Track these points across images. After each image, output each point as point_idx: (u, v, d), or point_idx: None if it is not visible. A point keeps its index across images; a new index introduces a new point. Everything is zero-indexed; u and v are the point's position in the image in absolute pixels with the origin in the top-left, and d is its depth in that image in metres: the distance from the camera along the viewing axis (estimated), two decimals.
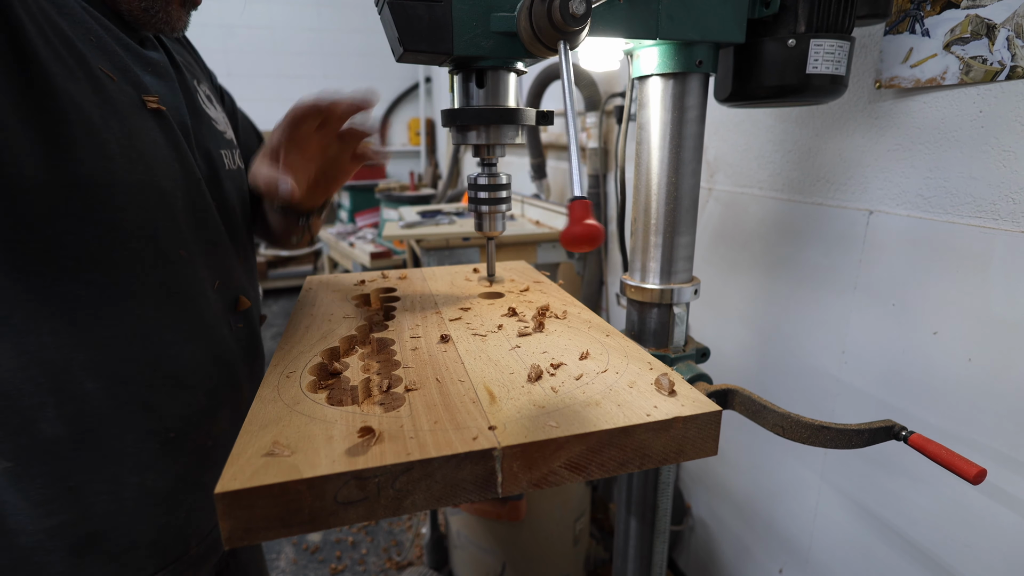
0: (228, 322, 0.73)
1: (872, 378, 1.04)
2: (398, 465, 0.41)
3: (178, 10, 0.67)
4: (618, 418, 0.47)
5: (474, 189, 0.77)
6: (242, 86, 4.87)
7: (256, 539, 0.39)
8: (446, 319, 0.72)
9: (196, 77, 0.76)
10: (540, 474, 0.45)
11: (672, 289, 0.80)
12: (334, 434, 0.45)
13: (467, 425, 0.46)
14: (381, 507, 0.41)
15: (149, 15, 0.65)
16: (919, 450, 0.61)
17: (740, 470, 1.47)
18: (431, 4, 0.57)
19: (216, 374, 0.69)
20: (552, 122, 0.73)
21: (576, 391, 0.52)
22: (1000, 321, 0.82)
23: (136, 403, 0.60)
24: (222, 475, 0.39)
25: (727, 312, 1.43)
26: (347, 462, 0.40)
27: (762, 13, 0.70)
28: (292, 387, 0.53)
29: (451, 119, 0.69)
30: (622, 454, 0.47)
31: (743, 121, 1.31)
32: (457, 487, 0.43)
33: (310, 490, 0.39)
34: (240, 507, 0.38)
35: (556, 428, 0.45)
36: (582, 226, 0.45)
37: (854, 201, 1.04)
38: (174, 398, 0.63)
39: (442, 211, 2.45)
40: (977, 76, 0.80)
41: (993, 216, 0.82)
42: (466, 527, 1.63)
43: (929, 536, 0.96)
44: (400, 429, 0.45)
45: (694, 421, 0.48)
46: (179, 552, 0.65)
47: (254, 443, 0.43)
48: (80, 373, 0.56)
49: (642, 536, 0.93)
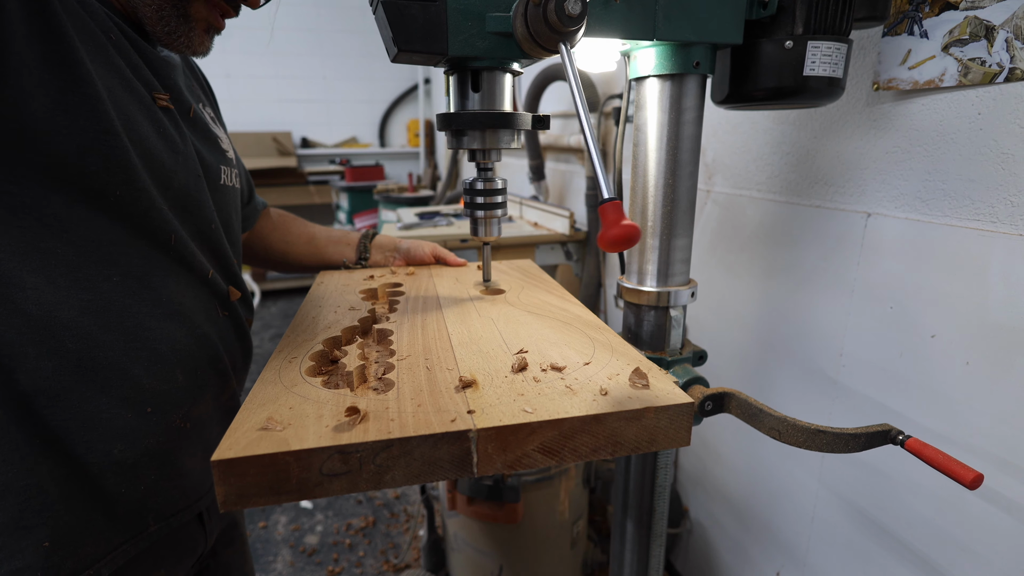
0: (216, 307, 0.74)
1: (869, 381, 1.03)
2: (379, 442, 0.44)
3: (201, 35, 0.70)
4: (591, 406, 0.50)
5: (470, 194, 0.76)
6: (241, 87, 4.87)
7: (248, 504, 0.43)
8: (445, 313, 0.76)
9: (200, 100, 0.80)
10: (514, 456, 0.48)
11: (669, 292, 0.79)
12: (324, 413, 0.48)
13: (447, 409, 0.49)
14: (363, 480, 0.45)
15: (172, 37, 0.67)
16: (916, 455, 0.60)
17: (737, 473, 1.46)
18: (425, 4, 0.57)
19: (200, 357, 0.69)
20: (548, 126, 0.72)
21: (557, 381, 0.55)
22: (998, 324, 0.81)
23: (114, 370, 0.60)
24: (219, 445, 0.43)
25: (724, 315, 1.43)
26: (332, 437, 0.44)
27: (760, 14, 0.69)
28: (292, 371, 0.57)
29: (447, 123, 0.69)
30: (594, 440, 0.50)
31: (741, 123, 1.31)
32: (435, 465, 0.46)
33: (297, 462, 0.43)
34: (234, 474, 0.42)
35: (531, 414, 0.48)
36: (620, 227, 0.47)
37: (852, 203, 1.04)
38: (152, 373, 0.63)
39: (440, 212, 2.44)
40: (976, 78, 0.80)
41: (992, 219, 0.81)
42: (463, 529, 1.63)
43: (926, 540, 0.96)
44: (385, 410, 0.49)
45: (665, 412, 0.51)
46: (137, 528, 0.64)
47: (251, 418, 0.47)
48: (62, 332, 0.57)
49: (639, 539, 0.92)
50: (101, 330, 0.59)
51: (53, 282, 0.56)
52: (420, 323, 0.71)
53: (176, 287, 0.67)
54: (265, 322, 4.36)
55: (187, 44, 0.68)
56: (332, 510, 2.30)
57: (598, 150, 0.53)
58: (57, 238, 0.56)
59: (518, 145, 0.73)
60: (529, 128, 0.71)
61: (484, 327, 0.70)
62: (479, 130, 0.69)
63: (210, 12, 0.69)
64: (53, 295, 0.56)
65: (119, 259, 0.61)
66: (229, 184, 0.80)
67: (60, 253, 0.56)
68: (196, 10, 0.68)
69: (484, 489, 1.48)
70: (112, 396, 0.60)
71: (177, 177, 0.66)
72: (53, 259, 0.56)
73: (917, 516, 0.97)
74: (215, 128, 0.80)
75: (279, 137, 4.91)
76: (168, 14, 0.65)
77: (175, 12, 0.66)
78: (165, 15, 0.65)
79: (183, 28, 0.67)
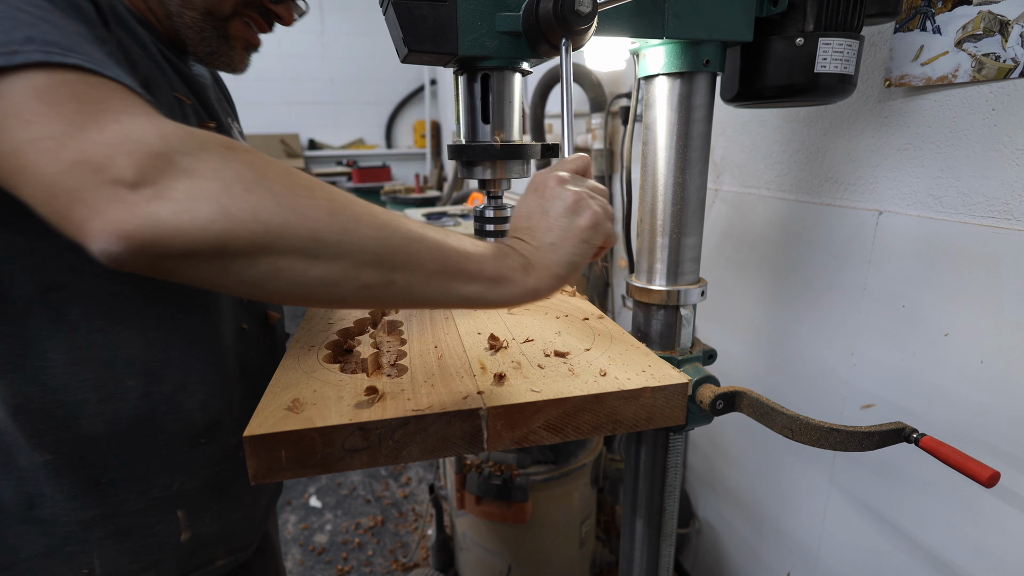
0: (256, 335, 0.75)
1: (882, 380, 1.03)
2: (396, 419, 0.48)
3: (241, 53, 0.72)
4: (592, 387, 0.53)
5: (480, 221, 0.77)
6: (247, 90, 4.91)
7: (278, 477, 0.46)
8: None
9: (230, 115, 0.83)
10: (521, 433, 0.51)
11: (679, 291, 0.79)
12: (344, 395, 0.52)
13: (459, 390, 0.52)
14: (382, 455, 0.48)
15: (213, 57, 0.69)
16: (931, 453, 0.60)
17: (748, 473, 1.45)
18: (436, 4, 0.57)
19: (243, 384, 0.71)
20: (557, 155, 0.72)
21: (561, 365, 0.59)
22: (1013, 322, 0.80)
23: (168, 404, 0.61)
24: (249, 423, 0.46)
25: (734, 313, 1.42)
26: (353, 415, 0.48)
27: (770, 11, 0.69)
28: (311, 358, 0.61)
29: (458, 154, 0.69)
30: (595, 418, 0.54)
31: (750, 121, 1.30)
32: (448, 441, 0.50)
33: (321, 437, 0.46)
34: (264, 449, 0.45)
35: (537, 393, 0.52)
36: None
37: (863, 201, 1.03)
38: (202, 404, 0.65)
39: (447, 213, 2.45)
40: (990, 73, 0.79)
41: (1006, 216, 0.80)
42: (472, 529, 1.63)
43: (940, 539, 0.95)
44: (401, 391, 0.52)
45: (662, 391, 0.55)
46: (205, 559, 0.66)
47: (276, 400, 0.51)
48: (122, 370, 0.58)
49: (649, 539, 0.92)
50: (162, 366, 0.61)
51: (121, 322, 0.57)
52: (428, 315, 0.75)
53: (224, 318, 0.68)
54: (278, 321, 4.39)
55: (228, 63, 0.70)
56: (341, 509, 2.31)
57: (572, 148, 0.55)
58: (126, 280, 0.57)
59: (528, 175, 0.73)
60: (539, 159, 0.72)
61: (490, 319, 0.74)
62: (490, 162, 0.69)
63: (247, 30, 0.71)
64: (118, 335, 0.57)
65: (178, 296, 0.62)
66: None
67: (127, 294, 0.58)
68: (235, 29, 0.69)
69: (493, 489, 1.48)
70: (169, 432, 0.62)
71: None
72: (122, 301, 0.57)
73: (931, 515, 0.96)
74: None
75: (287, 139, 4.94)
76: (210, 35, 0.67)
77: (216, 33, 0.67)
78: (207, 36, 0.67)
79: (224, 48, 0.69)
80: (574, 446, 1.60)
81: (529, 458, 1.55)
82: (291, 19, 0.74)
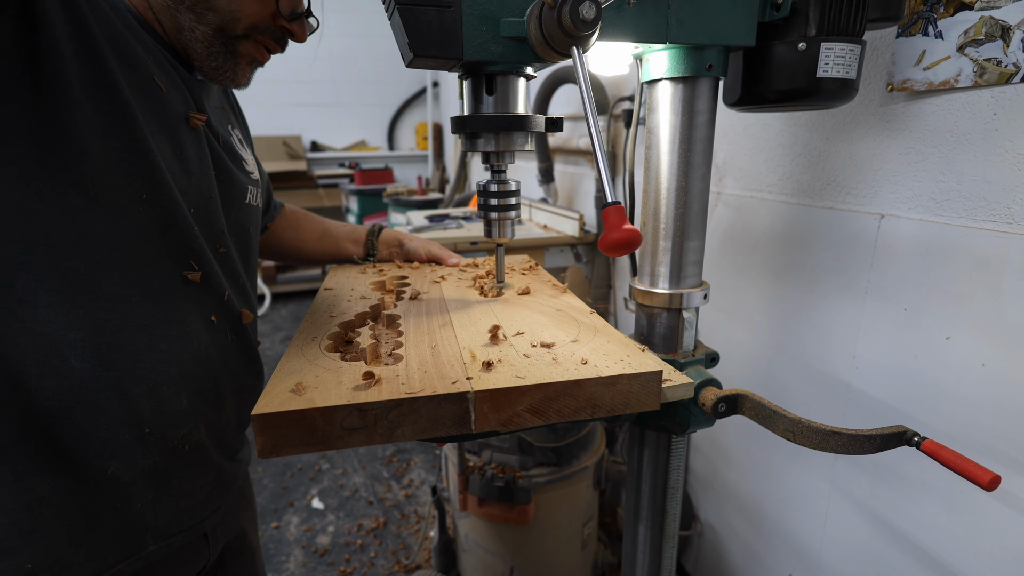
0: (226, 329, 0.74)
1: (884, 383, 1.03)
2: (391, 401, 0.51)
3: (245, 68, 0.72)
4: (573, 373, 0.57)
5: (484, 196, 0.77)
6: (251, 92, 4.90)
7: (282, 453, 0.50)
8: (447, 302, 0.83)
9: (231, 122, 0.83)
10: (507, 415, 0.55)
11: (681, 294, 0.80)
12: (343, 380, 0.55)
13: (450, 376, 0.56)
14: (377, 434, 0.52)
15: (218, 72, 0.70)
16: (932, 456, 0.60)
17: (749, 475, 1.45)
18: (441, 9, 0.58)
19: (203, 381, 0.70)
20: (561, 128, 0.73)
21: (546, 355, 0.62)
22: (1015, 326, 0.81)
23: (115, 390, 0.60)
24: (257, 403, 0.50)
25: (737, 317, 1.42)
26: (351, 396, 0.51)
27: (772, 16, 0.70)
28: (314, 348, 0.65)
29: (460, 126, 0.70)
30: (575, 403, 0.57)
31: (752, 125, 1.31)
32: (438, 422, 0.53)
33: (322, 417, 0.50)
34: (270, 427, 0.49)
35: (521, 379, 0.55)
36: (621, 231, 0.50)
37: (865, 205, 1.03)
38: (154, 394, 0.64)
39: (450, 215, 2.46)
40: (991, 78, 0.79)
41: (1007, 220, 0.81)
42: (474, 531, 1.63)
43: (941, 543, 0.95)
44: (396, 377, 0.56)
45: (637, 378, 0.58)
46: (134, 547, 0.65)
47: (282, 383, 0.55)
48: (68, 350, 0.57)
49: (651, 541, 0.92)
50: (110, 349, 0.60)
51: (71, 300, 0.56)
52: (425, 310, 0.78)
53: (189, 308, 0.67)
54: (275, 324, 4.40)
55: (231, 78, 0.71)
56: (343, 511, 2.31)
57: (604, 154, 0.54)
58: (81, 257, 0.56)
59: (531, 147, 0.74)
60: (543, 130, 0.72)
61: (483, 313, 0.77)
62: (493, 133, 0.70)
63: (257, 49, 0.71)
64: (68, 313, 0.56)
65: (138, 280, 0.61)
66: (253, 204, 0.83)
67: (83, 272, 0.57)
68: (244, 47, 0.69)
69: (495, 490, 1.49)
70: (109, 416, 0.60)
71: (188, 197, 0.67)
72: (75, 277, 0.57)
73: (931, 518, 0.96)
74: (242, 150, 0.82)
75: (289, 141, 4.96)
76: (217, 51, 0.68)
77: (224, 49, 0.68)
78: (215, 51, 0.67)
79: (229, 64, 0.69)
80: (576, 448, 1.60)
81: (531, 460, 1.56)
82: (304, 36, 0.74)
